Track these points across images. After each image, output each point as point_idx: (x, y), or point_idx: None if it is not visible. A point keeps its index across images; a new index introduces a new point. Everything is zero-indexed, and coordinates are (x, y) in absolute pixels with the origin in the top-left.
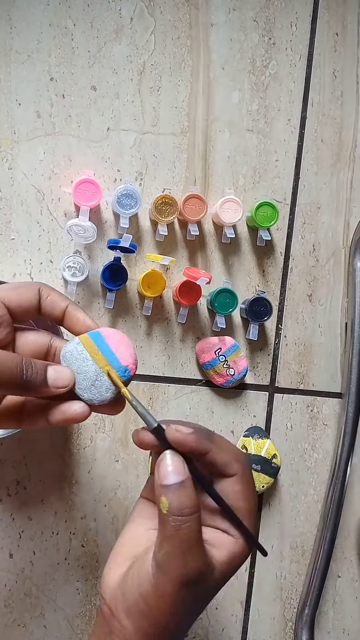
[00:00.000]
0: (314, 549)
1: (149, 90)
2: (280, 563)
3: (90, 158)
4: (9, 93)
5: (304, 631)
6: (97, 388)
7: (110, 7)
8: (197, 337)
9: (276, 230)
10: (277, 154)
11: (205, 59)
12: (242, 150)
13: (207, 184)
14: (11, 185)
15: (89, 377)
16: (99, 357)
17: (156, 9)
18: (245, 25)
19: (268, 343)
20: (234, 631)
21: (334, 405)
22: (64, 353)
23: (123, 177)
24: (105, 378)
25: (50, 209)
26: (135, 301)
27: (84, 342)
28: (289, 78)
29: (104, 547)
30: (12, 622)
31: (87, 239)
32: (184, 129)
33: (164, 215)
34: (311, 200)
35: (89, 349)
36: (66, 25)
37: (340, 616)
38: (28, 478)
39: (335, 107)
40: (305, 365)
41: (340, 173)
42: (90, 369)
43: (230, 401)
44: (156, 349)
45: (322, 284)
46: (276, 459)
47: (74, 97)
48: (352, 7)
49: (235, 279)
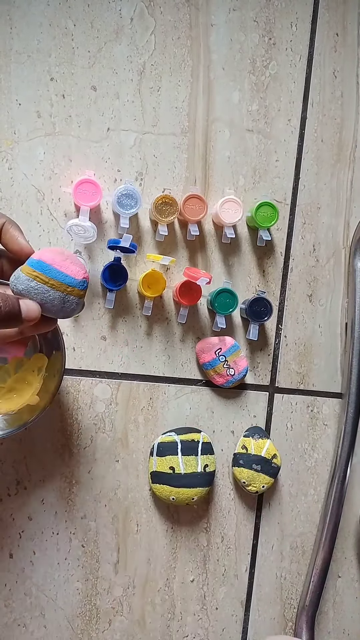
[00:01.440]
0: (314, 549)
1: (149, 91)
2: (280, 563)
3: (90, 158)
4: (9, 93)
5: (304, 631)
6: (67, 307)
7: (110, 8)
8: (197, 337)
9: (276, 231)
10: (277, 154)
11: (206, 59)
12: (242, 150)
13: (207, 184)
14: (11, 185)
15: (57, 304)
16: (56, 283)
17: (156, 9)
18: (246, 26)
19: (268, 343)
20: (234, 631)
21: (334, 405)
22: (18, 291)
23: (123, 177)
24: (71, 297)
25: (50, 209)
26: (136, 301)
27: (33, 276)
28: (289, 78)
29: (103, 547)
30: (12, 622)
31: (87, 239)
32: (184, 129)
33: (164, 216)
34: (311, 201)
35: (43, 281)
36: (66, 26)
37: (340, 616)
38: (28, 478)
39: (336, 107)
40: (305, 365)
41: (341, 173)
42: (55, 296)
43: (231, 401)
44: (156, 349)
45: (322, 284)
46: (276, 459)
47: (74, 97)
48: (352, 7)
49: (235, 279)
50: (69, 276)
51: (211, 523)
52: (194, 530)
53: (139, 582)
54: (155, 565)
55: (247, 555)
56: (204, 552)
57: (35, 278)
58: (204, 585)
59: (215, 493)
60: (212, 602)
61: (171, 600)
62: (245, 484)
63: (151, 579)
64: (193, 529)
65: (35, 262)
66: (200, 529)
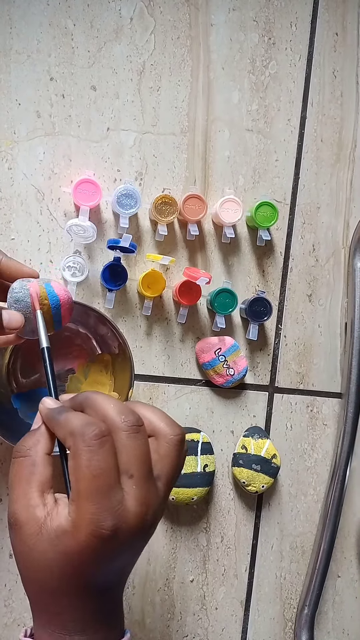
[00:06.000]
0: (314, 549)
1: (148, 90)
2: (280, 563)
3: (90, 158)
4: (8, 93)
5: (304, 631)
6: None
7: (110, 7)
8: (197, 337)
9: (276, 230)
10: (277, 153)
11: (205, 58)
12: (242, 150)
13: (207, 184)
14: (11, 185)
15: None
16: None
17: (156, 8)
18: (245, 25)
19: (268, 343)
20: (234, 631)
21: (334, 405)
22: (19, 297)
23: (123, 177)
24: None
25: (50, 209)
26: (135, 301)
27: (41, 290)
28: (288, 78)
29: None
30: (12, 622)
31: (87, 239)
32: (183, 129)
33: (163, 215)
34: (311, 200)
35: (43, 298)
36: (66, 25)
37: (340, 616)
38: None
39: (335, 107)
40: (305, 365)
41: (340, 173)
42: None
43: (230, 401)
44: (156, 349)
45: (322, 284)
46: (276, 459)
47: (74, 97)
48: (352, 7)
49: (235, 279)
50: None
51: (211, 523)
52: (193, 530)
53: (138, 582)
54: (155, 565)
55: (246, 555)
56: (204, 552)
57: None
58: (203, 585)
59: (214, 493)
60: (212, 602)
61: (171, 600)
62: (245, 484)
63: (151, 578)
64: (193, 529)
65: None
66: (199, 529)
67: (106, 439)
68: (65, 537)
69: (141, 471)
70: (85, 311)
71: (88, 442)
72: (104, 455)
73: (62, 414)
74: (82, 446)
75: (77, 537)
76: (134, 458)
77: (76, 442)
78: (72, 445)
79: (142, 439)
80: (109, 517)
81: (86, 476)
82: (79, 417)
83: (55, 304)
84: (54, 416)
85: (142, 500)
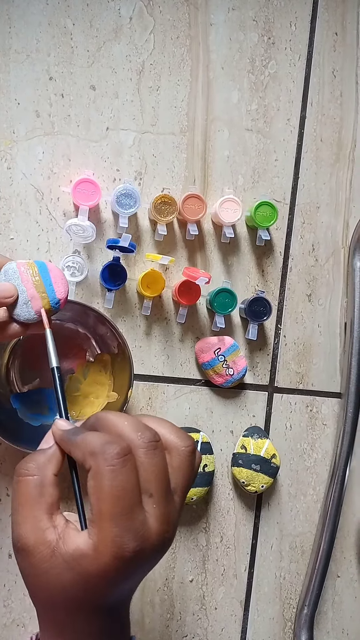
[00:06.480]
0: (314, 549)
1: (148, 90)
2: (280, 563)
3: (89, 158)
4: (8, 92)
5: (303, 631)
6: (28, 308)
7: (109, 7)
8: (196, 337)
9: (275, 230)
10: (277, 153)
11: (205, 58)
12: (242, 149)
13: (207, 184)
14: (10, 185)
15: (24, 297)
16: (39, 282)
17: (155, 8)
18: (245, 25)
19: (267, 343)
20: (234, 631)
21: (333, 405)
22: (6, 268)
23: (122, 176)
24: (38, 302)
25: (49, 209)
26: (135, 301)
27: (30, 265)
28: (288, 78)
29: None
30: (12, 622)
31: (86, 239)
32: (183, 129)
33: (163, 215)
34: (310, 200)
35: (33, 273)
36: (65, 25)
37: (340, 616)
38: None
39: (335, 107)
40: (304, 365)
41: (340, 173)
42: (29, 290)
43: (230, 401)
44: (155, 349)
45: (322, 284)
46: (275, 459)
47: (73, 96)
48: (352, 6)
49: (234, 279)
50: (52, 286)
51: (210, 523)
52: (193, 530)
53: None
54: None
55: (246, 555)
56: (203, 552)
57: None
58: (203, 585)
59: (214, 493)
60: (211, 602)
61: (170, 600)
62: (245, 483)
63: (150, 578)
64: (192, 529)
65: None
66: (199, 529)
67: (128, 458)
68: (85, 560)
69: (161, 489)
70: (84, 311)
71: (110, 462)
72: (127, 475)
73: (79, 434)
74: (104, 465)
75: (99, 559)
76: (153, 476)
77: (97, 462)
78: (93, 464)
79: (160, 454)
80: (132, 539)
81: (109, 497)
82: (99, 436)
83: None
84: (69, 437)
85: (163, 519)
